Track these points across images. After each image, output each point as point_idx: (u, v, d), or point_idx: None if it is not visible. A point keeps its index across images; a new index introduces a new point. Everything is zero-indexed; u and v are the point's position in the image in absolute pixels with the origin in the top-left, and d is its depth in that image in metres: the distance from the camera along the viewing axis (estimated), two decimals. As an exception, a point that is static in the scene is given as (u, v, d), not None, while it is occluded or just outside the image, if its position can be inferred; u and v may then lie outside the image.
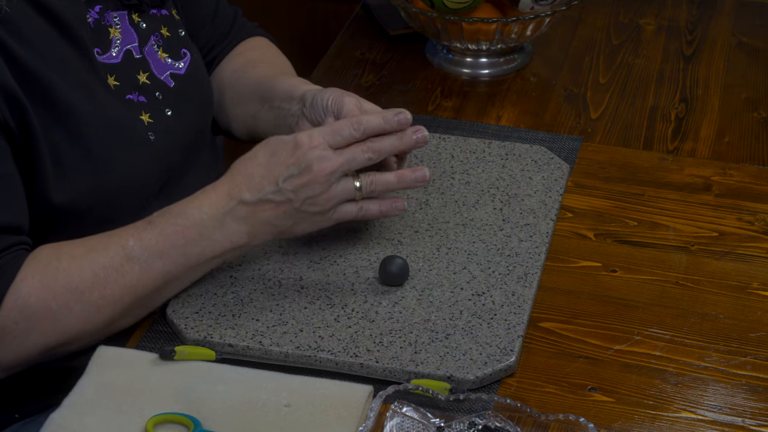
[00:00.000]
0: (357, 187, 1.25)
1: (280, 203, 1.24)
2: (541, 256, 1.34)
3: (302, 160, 1.23)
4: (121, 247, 1.23)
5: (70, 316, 1.21)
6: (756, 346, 1.25)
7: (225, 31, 1.57)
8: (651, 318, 1.28)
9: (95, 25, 1.33)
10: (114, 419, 1.15)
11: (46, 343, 1.22)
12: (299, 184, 1.23)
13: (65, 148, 1.27)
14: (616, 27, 1.86)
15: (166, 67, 1.40)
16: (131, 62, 1.36)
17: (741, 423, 1.17)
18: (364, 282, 1.31)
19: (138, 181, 1.34)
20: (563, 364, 1.23)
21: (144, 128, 1.35)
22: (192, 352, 1.21)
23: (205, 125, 1.48)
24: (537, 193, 1.44)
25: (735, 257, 1.37)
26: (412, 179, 1.27)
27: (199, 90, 1.45)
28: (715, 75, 1.73)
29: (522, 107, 1.66)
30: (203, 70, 1.48)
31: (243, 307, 1.27)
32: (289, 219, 1.25)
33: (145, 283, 1.23)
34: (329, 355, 1.21)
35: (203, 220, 1.24)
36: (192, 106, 1.43)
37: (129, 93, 1.35)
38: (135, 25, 1.38)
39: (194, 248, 1.24)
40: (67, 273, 1.22)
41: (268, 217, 1.24)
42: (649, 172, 1.51)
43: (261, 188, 1.24)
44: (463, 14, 1.68)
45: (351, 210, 1.26)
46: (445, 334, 1.23)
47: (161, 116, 1.37)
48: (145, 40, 1.39)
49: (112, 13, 1.36)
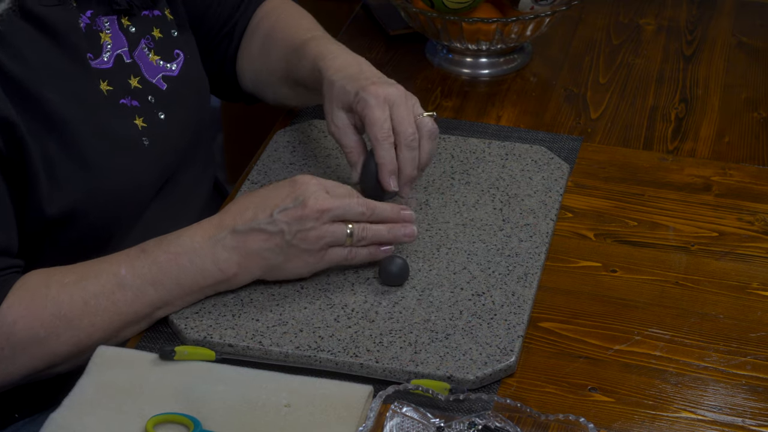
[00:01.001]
0: (348, 233, 1.26)
1: (272, 234, 1.24)
2: (541, 256, 1.34)
3: (299, 195, 1.24)
4: (113, 275, 1.23)
5: (59, 341, 1.22)
6: (756, 346, 1.25)
7: (236, 2, 1.56)
8: (651, 318, 1.28)
9: (87, 30, 1.33)
10: (114, 419, 1.15)
11: (33, 366, 1.23)
12: (293, 216, 1.24)
13: (60, 160, 1.26)
14: (616, 27, 1.86)
15: (158, 70, 1.40)
16: (122, 67, 1.36)
17: (741, 423, 1.17)
18: (364, 282, 1.31)
19: (134, 186, 1.33)
20: (563, 364, 1.23)
21: (138, 133, 1.34)
22: (192, 352, 1.21)
23: (201, 125, 1.48)
24: (537, 193, 1.44)
25: (735, 257, 1.37)
26: (402, 234, 1.29)
27: (193, 91, 1.44)
28: (715, 75, 1.73)
29: (522, 107, 1.66)
30: (198, 69, 1.47)
31: (243, 307, 1.27)
32: (280, 253, 1.25)
33: (137, 309, 1.24)
34: (329, 355, 1.21)
35: (195, 248, 1.24)
36: (186, 108, 1.42)
37: (122, 98, 1.34)
38: (124, 30, 1.37)
39: (187, 277, 1.24)
40: (56, 301, 1.22)
41: (258, 248, 1.24)
42: (649, 172, 1.51)
43: (254, 217, 1.24)
44: (463, 14, 1.68)
45: (341, 253, 1.27)
46: (445, 334, 1.23)
47: (155, 120, 1.37)
48: (135, 45, 1.38)
49: (102, 18, 1.35)
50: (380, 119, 1.32)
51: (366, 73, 1.37)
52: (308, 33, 1.49)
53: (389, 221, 1.29)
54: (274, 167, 1.49)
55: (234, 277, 1.26)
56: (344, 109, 1.36)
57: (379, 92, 1.33)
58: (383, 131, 1.31)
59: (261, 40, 1.54)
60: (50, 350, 1.22)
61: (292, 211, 1.24)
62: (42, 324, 1.21)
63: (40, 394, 1.38)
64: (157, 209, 1.39)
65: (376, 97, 1.33)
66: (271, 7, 1.58)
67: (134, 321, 1.24)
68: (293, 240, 1.24)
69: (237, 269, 1.25)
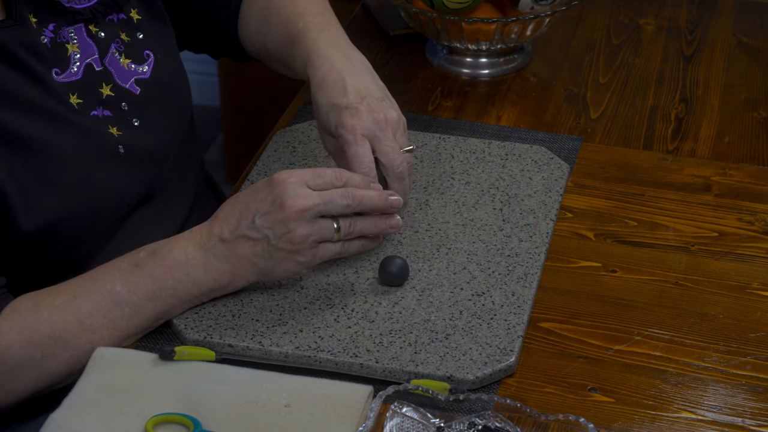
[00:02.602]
0: (336, 228, 1.23)
1: (257, 240, 1.22)
2: (540, 257, 1.34)
3: (277, 197, 1.21)
4: (107, 292, 1.22)
5: (57, 362, 1.21)
6: (756, 346, 1.25)
7: None
8: (651, 318, 1.28)
9: (52, 44, 1.31)
10: (114, 419, 1.15)
11: (34, 387, 1.23)
12: (274, 220, 1.21)
13: (29, 180, 1.25)
14: (616, 27, 1.86)
15: (130, 74, 1.38)
16: (92, 76, 1.34)
17: (741, 423, 1.17)
18: (364, 282, 1.31)
19: (112, 195, 1.32)
20: (563, 364, 1.23)
21: (113, 141, 1.33)
22: (192, 352, 1.21)
23: (180, 125, 1.45)
24: (537, 193, 1.44)
25: (735, 257, 1.37)
26: (387, 226, 1.27)
27: (167, 91, 1.42)
28: (715, 75, 1.73)
29: (522, 107, 1.66)
30: (173, 69, 1.45)
31: (243, 307, 1.27)
32: (269, 258, 1.23)
33: (136, 324, 1.23)
34: (329, 355, 1.21)
35: (188, 259, 1.23)
36: (161, 111, 1.40)
37: (93, 109, 1.33)
38: (93, 36, 1.35)
39: (182, 288, 1.24)
40: (49, 322, 1.21)
41: (246, 254, 1.23)
42: (649, 172, 1.51)
43: (238, 225, 1.22)
44: (463, 14, 1.68)
45: (333, 249, 1.25)
46: (445, 334, 1.23)
47: (129, 128, 1.35)
48: (105, 50, 1.36)
49: (67, 28, 1.33)
50: (360, 155, 1.29)
51: (349, 92, 1.33)
52: (300, 20, 1.44)
53: (377, 209, 1.25)
54: (274, 167, 1.49)
55: (228, 284, 1.25)
56: (330, 134, 1.34)
57: (356, 128, 1.30)
58: (363, 167, 1.28)
59: (258, 18, 1.51)
60: (48, 371, 1.21)
61: (273, 215, 1.21)
62: (38, 347, 1.20)
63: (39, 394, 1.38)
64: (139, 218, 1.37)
65: (353, 133, 1.30)
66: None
67: (133, 334, 1.24)
68: (279, 244, 1.22)
69: (231, 277, 1.24)
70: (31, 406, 1.38)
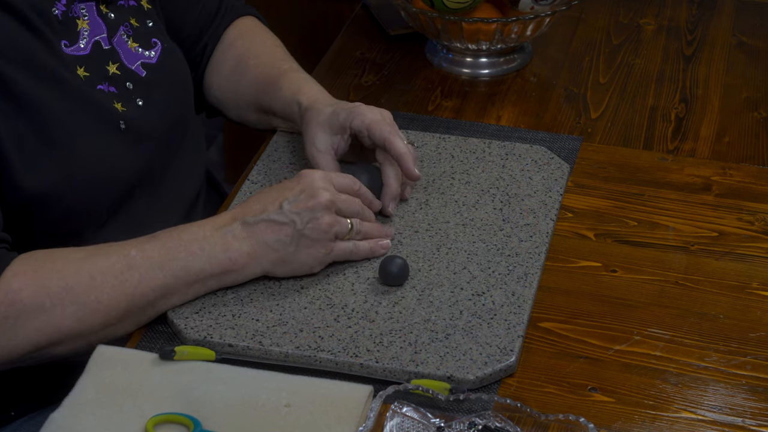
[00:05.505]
0: (350, 227, 1.30)
1: (283, 225, 1.27)
2: (541, 256, 1.34)
3: (307, 186, 1.28)
4: (123, 255, 1.24)
5: (64, 315, 1.21)
6: (756, 346, 1.25)
7: (212, 13, 1.58)
8: (651, 318, 1.28)
9: (63, 17, 1.33)
10: (114, 419, 1.15)
11: (36, 341, 1.21)
12: (303, 207, 1.27)
13: (29, 139, 1.27)
14: (616, 27, 1.86)
15: (137, 57, 1.40)
16: (100, 53, 1.36)
17: (741, 423, 1.17)
18: (364, 282, 1.31)
19: (110, 170, 1.34)
20: (563, 364, 1.23)
21: (117, 115, 1.35)
22: (192, 352, 1.22)
23: (184, 113, 1.48)
24: (537, 193, 1.44)
25: (735, 257, 1.37)
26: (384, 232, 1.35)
27: (172, 79, 1.45)
28: (715, 75, 1.73)
29: (522, 107, 1.66)
30: (178, 58, 1.48)
31: (243, 307, 1.27)
32: (291, 243, 1.27)
33: (143, 292, 1.23)
34: (329, 355, 1.21)
35: (206, 236, 1.26)
36: (166, 96, 1.42)
37: (100, 83, 1.35)
38: (103, 16, 1.38)
39: (195, 263, 1.25)
40: (62, 274, 1.22)
41: (269, 238, 1.26)
42: (649, 172, 1.51)
43: (264, 210, 1.27)
44: (463, 14, 1.68)
45: (347, 247, 1.31)
46: (445, 334, 1.23)
47: (133, 106, 1.37)
48: (114, 31, 1.39)
49: (79, 4, 1.35)
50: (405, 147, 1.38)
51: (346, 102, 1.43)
52: (284, 64, 1.54)
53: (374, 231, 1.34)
54: (274, 167, 1.49)
55: (243, 268, 1.26)
56: (330, 133, 1.40)
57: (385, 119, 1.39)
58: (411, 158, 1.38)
59: (233, 63, 1.57)
60: (54, 323, 1.21)
61: (302, 202, 1.27)
62: (48, 294, 1.20)
63: (37, 392, 1.38)
64: (141, 202, 1.39)
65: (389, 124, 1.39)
66: (245, 27, 1.60)
67: (139, 306, 1.24)
68: (305, 230, 1.27)
69: (247, 259, 1.26)
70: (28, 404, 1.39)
